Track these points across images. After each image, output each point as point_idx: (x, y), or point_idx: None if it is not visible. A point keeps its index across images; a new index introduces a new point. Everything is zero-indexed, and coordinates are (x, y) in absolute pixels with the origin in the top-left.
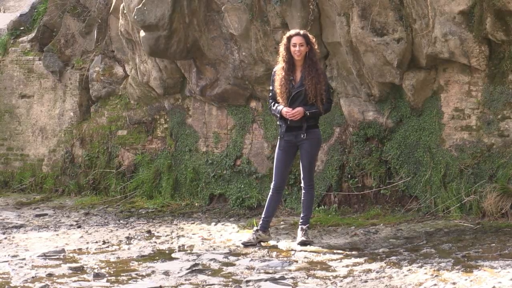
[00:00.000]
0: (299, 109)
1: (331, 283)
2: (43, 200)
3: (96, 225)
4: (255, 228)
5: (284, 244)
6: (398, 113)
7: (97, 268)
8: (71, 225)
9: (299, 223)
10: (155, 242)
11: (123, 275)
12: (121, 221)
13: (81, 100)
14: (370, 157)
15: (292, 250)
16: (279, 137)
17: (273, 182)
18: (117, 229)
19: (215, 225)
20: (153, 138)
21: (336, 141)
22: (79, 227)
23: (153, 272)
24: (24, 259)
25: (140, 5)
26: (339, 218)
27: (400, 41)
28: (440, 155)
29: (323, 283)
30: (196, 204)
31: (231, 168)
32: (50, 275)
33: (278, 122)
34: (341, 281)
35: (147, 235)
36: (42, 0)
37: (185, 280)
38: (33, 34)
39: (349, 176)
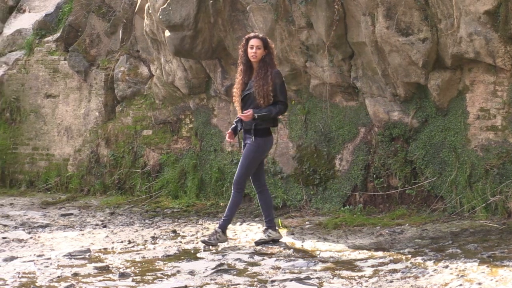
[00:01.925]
0: (249, 111)
1: (357, 283)
2: (68, 199)
3: (122, 225)
4: (264, 227)
5: (309, 244)
6: (424, 113)
7: (123, 267)
8: (97, 224)
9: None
10: (181, 242)
11: (148, 275)
12: (146, 221)
13: (106, 100)
14: (395, 157)
15: (317, 250)
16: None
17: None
18: (142, 229)
19: (240, 225)
20: (178, 138)
21: (361, 141)
22: (105, 226)
23: (178, 271)
24: (49, 258)
25: (165, 5)
26: (365, 218)
27: (425, 41)
28: (465, 155)
29: (349, 283)
30: (221, 204)
31: None
32: (75, 274)
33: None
34: (367, 281)
35: (172, 235)
36: (67, 0)
37: (211, 279)
38: (58, 34)
39: (374, 176)
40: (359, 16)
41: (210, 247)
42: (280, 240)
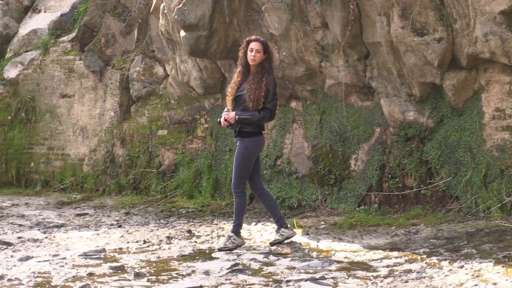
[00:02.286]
0: (232, 114)
1: (372, 283)
2: (83, 199)
3: (137, 225)
4: (275, 228)
5: (324, 244)
6: (439, 113)
7: (138, 267)
8: (112, 224)
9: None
10: (196, 242)
11: (163, 275)
12: (161, 221)
13: (121, 99)
14: (410, 157)
15: (332, 250)
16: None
17: None
18: (157, 229)
19: (255, 225)
20: (194, 138)
21: (376, 141)
22: (120, 226)
23: (193, 271)
24: (64, 258)
25: (181, 5)
26: (380, 218)
27: (440, 41)
28: (481, 155)
29: (364, 283)
30: None
31: (272, 168)
32: (90, 274)
33: None
34: (382, 281)
35: (187, 234)
36: (82, 0)
37: (226, 279)
38: (73, 34)
39: (389, 176)
40: (374, 16)
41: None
42: (294, 238)
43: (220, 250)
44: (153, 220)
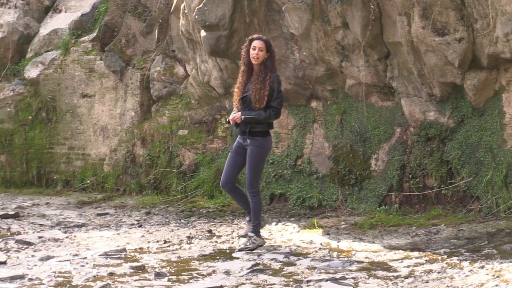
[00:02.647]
0: (238, 114)
1: (392, 283)
2: (104, 199)
3: (157, 225)
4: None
5: (345, 244)
6: (460, 113)
7: (158, 267)
8: (132, 224)
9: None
10: (216, 242)
11: (184, 275)
12: (182, 221)
13: (142, 99)
14: (431, 157)
15: (353, 250)
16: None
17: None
18: (178, 229)
19: (275, 225)
20: (214, 138)
21: (397, 141)
22: (140, 226)
23: (214, 271)
24: (85, 258)
25: (201, 5)
26: (400, 218)
27: (461, 41)
28: (501, 155)
29: (384, 284)
30: None
31: (292, 168)
32: (111, 274)
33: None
34: (402, 281)
35: (208, 234)
36: (103, 0)
37: (246, 279)
38: (94, 34)
39: (410, 176)
40: (395, 16)
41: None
42: (315, 238)
43: (240, 250)
44: (173, 220)
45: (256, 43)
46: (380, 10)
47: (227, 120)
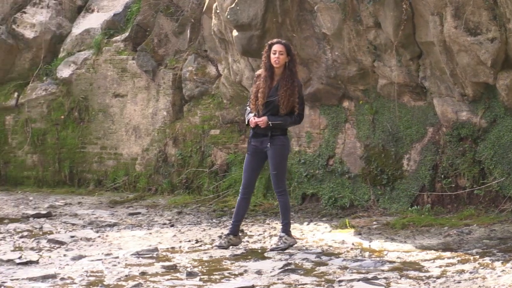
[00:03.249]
0: (264, 119)
1: (424, 283)
2: (136, 199)
3: (189, 224)
4: (225, 232)
5: (376, 244)
6: (492, 113)
7: (190, 267)
8: (164, 224)
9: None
10: (248, 242)
11: (215, 274)
12: (213, 220)
13: (174, 99)
14: (463, 157)
15: (385, 250)
16: (247, 142)
17: (241, 186)
18: (209, 228)
19: (307, 224)
20: (246, 138)
21: (429, 141)
22: (172, 226)
23: (245, 271)
24: (117, 257)
25: (233, 5)
26: (432, 218)
27: (494, 41)
28: None
29: (416, 284)
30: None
31: (324, 168)
32: (143, 273)
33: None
34: (434, 281)
35: (239, 234)
36: (135, 0)
37: (278, 279)
38: (126, 34)
39: (442, 176)
40: (427, 16)
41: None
42: (346, 238)
43: (272, 250)
44: (205, 219)
45: (276, 47)
46: (413, 10)
47: (247, 122)
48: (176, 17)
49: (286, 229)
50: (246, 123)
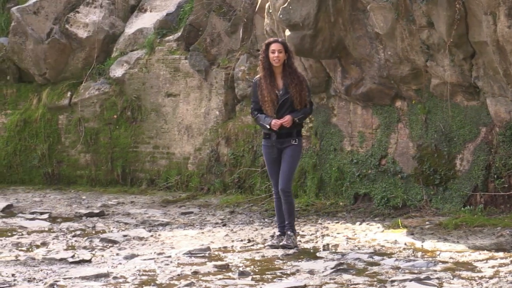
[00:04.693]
0: (288, 118)
1: (477, 284)
2: (188, 198)
3: (241, 224)
4: (276, 233)
5: (429, 244)
6: None
7: (242, 266)
8: (216, 223)
9: (286, 229)
10: (300, 241)
11: (267, 274)
12: (266, 220)
13: (226, 99)
14: None
15: (437, 250)
16: (267, 145)
17: (273, 189)
18: (262, 228)
19: (359, 224)
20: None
21: (482, 141)
22: (224, 225)
23: (297, 271)
24: (169, 256)
25: (286, 4)
26: (485, 218)
27: None
28: None
29: (469, 284)
30: (341, 203)
31: (376, 168)
32: (195, 273)
33: (265, 131)
34: (487, 282)
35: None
36: None
37: (330, 279)
38: (179, 33)
39: (495, 176)
40: (480, 15)
41: (289, 250)
42: (399, 238)
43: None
44: (257, 219)
45: (274, 46)
46: (466, 10)
47: (269, 127)
48: (228, 17)
49: (293, 228)
50: (268, 127)
